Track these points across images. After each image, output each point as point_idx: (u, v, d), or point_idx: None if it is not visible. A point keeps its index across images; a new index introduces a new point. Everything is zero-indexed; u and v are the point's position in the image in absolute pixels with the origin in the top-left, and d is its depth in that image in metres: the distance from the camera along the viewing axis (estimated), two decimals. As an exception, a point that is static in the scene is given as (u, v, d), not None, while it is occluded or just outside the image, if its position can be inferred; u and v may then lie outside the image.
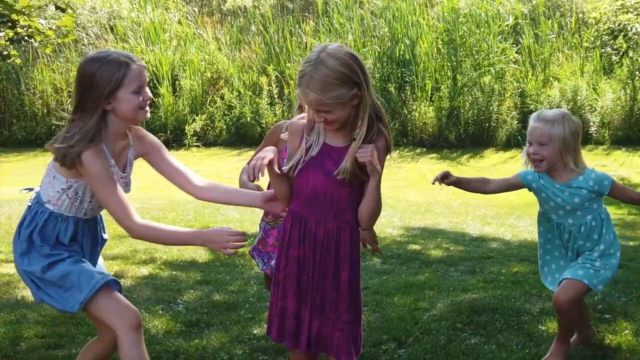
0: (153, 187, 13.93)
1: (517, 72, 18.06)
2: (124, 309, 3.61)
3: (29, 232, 3.68)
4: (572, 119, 4.51)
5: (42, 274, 3.63)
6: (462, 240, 8.98)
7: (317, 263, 3.53)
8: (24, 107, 18.30)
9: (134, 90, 3.56)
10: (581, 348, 4.98)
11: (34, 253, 3.67)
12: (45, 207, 3.70)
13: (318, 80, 3.30)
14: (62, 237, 3.68)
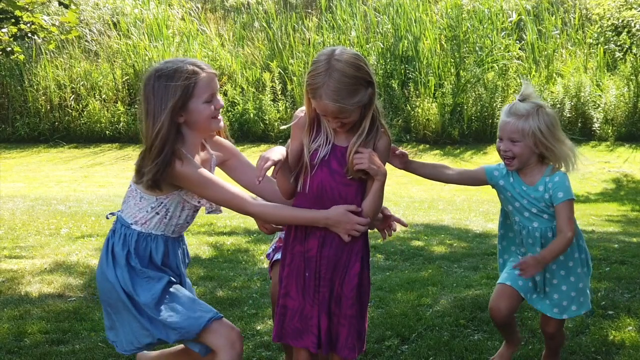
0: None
1: (520, 69, 18.04)
2: (229, 330, 3.52)
3: (124, 256, 3.52)
4: (547, 111, 4.08)
5: (154, 306, 3.48)
6: (465, 237, 8.97)
7: (325, 259, 3.51)
8: (27, 104, 18.32)
9: (205, 100, 3.42)
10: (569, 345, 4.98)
11: (137, 280, 3.51)
12: (132, 228, 3.56)
13: (337, 89, 3.27)
14: (155, 257, 3.55)
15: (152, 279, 3.50)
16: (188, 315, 3.46)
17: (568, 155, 4.09)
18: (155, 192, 3.48)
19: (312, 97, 3.34)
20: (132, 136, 17.69)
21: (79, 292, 6.42)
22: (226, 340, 3.45)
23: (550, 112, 4.11)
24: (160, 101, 3.40)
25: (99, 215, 10.26)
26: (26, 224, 9.64)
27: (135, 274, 3.50)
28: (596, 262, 7.31)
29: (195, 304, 3.52)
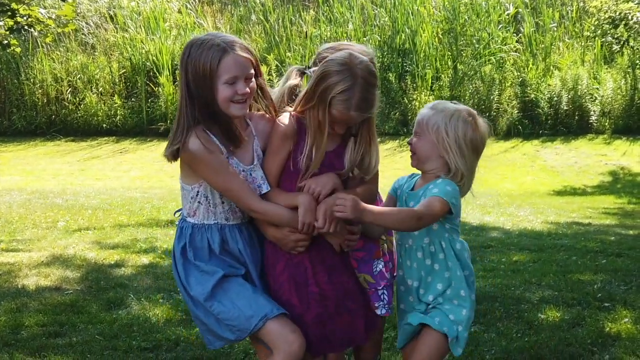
0: (153, 177, 13.95)
1: (517, 61, 18.03)
2: (286, 329, 3.39)
3: (181, 248, 3.50)
4: (470, 120, 3.56)
5: (204, 300, 3.43)
6: (462, 230, 8.94)
7: (329, 259, 3.52)
8: (23, 97, 18.28)
9: (226, 81, 3.28)
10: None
11: (192, 273, 3.47)
12: (187, 221, 3.53)
13: (365, 100, 3.29)
14: (213, 247, 3.47)
15: (206, 273, 3.44)
16: (240, 313, 3.37)
17: (464, 171, 3.58)
18: (187, 177, 3.46)
19: (338, 109, 3.28)
20: (129, 129, 17.66)
21: (76, 285, 6.42)
22: (282, 340, 3.35)
23: (467, 123, 3.54)
24: (188, 74, 3.32)
25: (96, 209, 10.26)
26: (23, 217, 9.63)
27: (190, 267, 3.47)
28: (593, 254, 7.34)
29: (252, 301, 3.39)
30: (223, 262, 3.47)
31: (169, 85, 17.73)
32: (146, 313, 5.66)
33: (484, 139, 3.62)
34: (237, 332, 3.41)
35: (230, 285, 3.43)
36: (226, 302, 3.39)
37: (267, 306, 3.39)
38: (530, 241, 8.13)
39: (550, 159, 15.48)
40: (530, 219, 9.75)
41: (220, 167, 3.34)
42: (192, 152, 3.31)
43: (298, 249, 3.43)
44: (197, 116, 3.33)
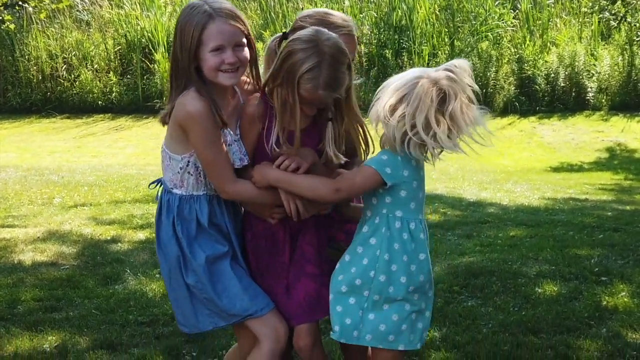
0: (149, 154, 13.91)
1: (514, 38, 17.95)
2: (277, 321, 3.33)
3: (171, 223, 3.33)
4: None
5: (206, 266, 3.30)
6: (459, 205, 8.98)
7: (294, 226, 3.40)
8: (18, 74, 18.17)
9: (211, 49, 3.14)
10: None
11: (183, 250, 3.34)
12: (173, 192, 3.36)
13: (334, 78, 3.14)
14: (201, 219, 3.33)
15: (196, 253, 3.32)
16: (231, 301, 3.29)
17: (398, 137, 3.15)
18: (176, 146, 3.30)
19: (305, 88, 3.11)
20: (125, 107, 17.57)
21: (72, 260, 6.41)
22: (272, 332, 3.31)
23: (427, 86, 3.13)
24: (176, 40, 3.21)
25: (92, 185, 10.23)
26: (19, 193, 9.60)
27: (180, 244, 3.35)
28: (589, 229, 7.34)
29: (243, 291, 3.31)
30: (209, 239, 3.34)
31: (164, 62, 17.62)
32: (143, 288, 5.66)
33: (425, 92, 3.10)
34: (227, 318, 3.34)
35: (222, 268, 3.34)
36: (218, 288, 3.30)
37: (259, 297, 3.33)
38: (527, 216, 8.13)
39: (547, 135, 15.45)
40: (527, 195, 9.75)
41: (214, 136, 3.20)
42: (190, 113, 3.15)
43: (275, 216, 3.34)
44: (184, 76, 3.21)
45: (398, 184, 3.17)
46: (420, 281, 3.21)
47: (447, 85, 3.14)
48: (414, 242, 3.21)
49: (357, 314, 3.20)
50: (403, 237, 3.19)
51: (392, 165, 3.15)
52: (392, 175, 3.15)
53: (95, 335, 4.75)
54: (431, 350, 4.49)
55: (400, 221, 3.20)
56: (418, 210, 3.24)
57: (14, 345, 4.58)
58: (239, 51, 3.21)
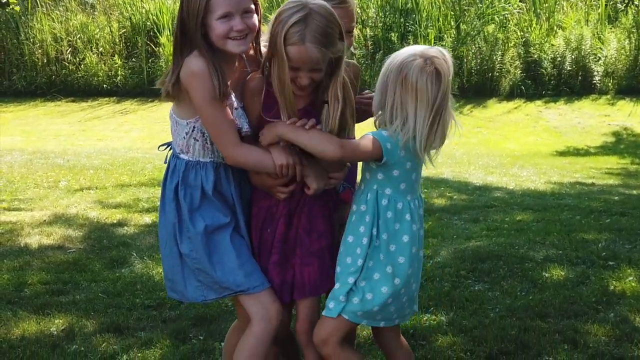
0: (155, 137, 13.89)
1: (521, 21, 17.86)
2: (270, 301, 3.28)
3: (173, 187, 3.29)
4: (414, 64, 3.19)
5: (204, 235, 3.24)
6: (465, 189, 8.96)
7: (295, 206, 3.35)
8: (23, 57, 18.14)
9: (219, 17, 3.09)
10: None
11: (183, 217, 3.28)
12: (180, 157, 3.32)
13: (323, 32, 3.06)
14: (206, 185, 3.28)
15: (196, 221, 3.26)
16: (225, 275, 3.25)
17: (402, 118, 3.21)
18: (181, 110, 3.27)
19: (292, 42, 3.04)
20: (130, 90, 17.53)
21: (79, 243, 6.41)
22: (264, 311, 3.26)
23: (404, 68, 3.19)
24: (181, 12, 3.17)
25: (97, 169, 10.23)
26: (25, 176, 9.60)
27: (179, 210, 3.29)
28: (596, 214, 7.32)
29: (240, 266, 3.26)
30: (212, 208, 3.28)
31: (169, 45, 17.57)
32: (149, 271, 5.66)
33: (424, 82, 3.13)
34: (218, 291, 3.30)
35: (220, 240, 3.28)
36: (214, 259, 3.26)
37: (254, 274, 3.28)
38: (533, 201, 8.11)
39: (553, 119, 15.40)
40: (534, 179, 9.72)
41: (217, 97, 3.12)
42: (192, 71, 3.11)
43: (280, 195, 3.30)
44: (191, 38, 3.15)
45: (392, 162, 3.16)
46: (399, 263, 3.20)
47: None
48: (398, 222, 3.21)
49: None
50: (387, 215, 3.21)
51: (392, 142, 3.15)
52: (390, 152, 3.15)
53: (102, 318, 4.76)
54: (438, 334, 4.49)
55: (388, 199, 3.21)
56: (408, 191, 3.23)
57: (21, 329, 4.58)
58: (247, 18, 3.16)
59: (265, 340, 3.27)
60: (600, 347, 4.27)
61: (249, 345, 3.28)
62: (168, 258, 3.36)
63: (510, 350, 4.25)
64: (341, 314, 3.22)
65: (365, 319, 3.26)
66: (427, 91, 3.12)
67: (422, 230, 3.32)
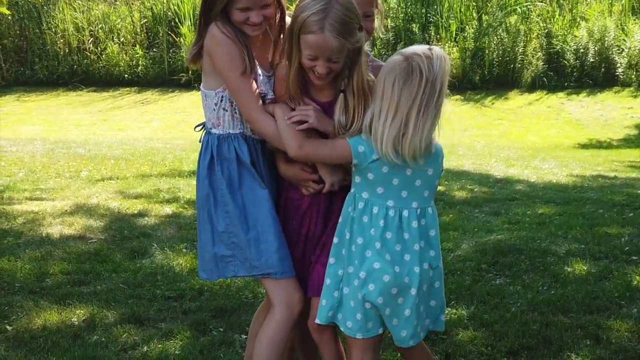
0: (175, 128, 13.93)
1: (543, 12, 17.72)
2: (294, 289, 3.31)
3: (207, 164, 3.32)
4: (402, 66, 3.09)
5: (244, 209, 3.26)
6: (486, 182, 8.91)
7: (321, 204, 3.37)
8: (45, 47, 18.22)
9: (239, 7, 3.15)
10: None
11: (218, 193, 3.30)
12: (212, 132, 3.35)
13: (342, 21, 3.06)
14: (242, 156, 3.28)
15: (235, 194, 3.28)
16: (257, 251, 3.25)
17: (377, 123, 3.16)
18: (210, 81, 3.30)
19: (311, 31, 3.05)
20: (151, 80, 17.57)
21: (100, 234, 6.43)
22: (288, 299, 3.28)
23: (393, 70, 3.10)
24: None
25: (118, 159, 10.26)
26: (46, 166, 9.65)
27: (213, 186, 3.31)
28: (619, 207, 7.26)
29: (276, 246, 3.27)
30: (251, 180, 3.29)
31: (190, 35, 17.58)
32: (170, 262, 5.66)
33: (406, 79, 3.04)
34: (248, 269, 3.29)
35: (260, 215, 3.27)
36: (251, 235, 3.26)
37: (286, 263, 3.28)
38: (555, 194, 8.05)
39: (576, 111, 15.29)
40: (555, 172, 9.65)
41: (240, 61, 3.17)
42: (215, 37, 3.17)
43: (309, 189, 3.30)
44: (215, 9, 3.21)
45: (364, 166, 3.11)
46: (374, 269, 3.11)
47: None
48: (373, 227, 3.13)
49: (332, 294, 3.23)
50: (363, 219, 3.15)
51: (366, 145, 3.09)
52: (362, 155, 3.10)
53: (123, 309, 4.77)
54: (459, 328, 4.46)
55: (364, 202, 3.16)
56: (387, 196, 3.14)
57: (42, 319, 4.60)
58: (265, 9, 3.21)
59: (286, 327, 3.30)
60: (623, 342, 4.24)
61: (270, 332, 3.30)
62: (200, 234, 3.39)
63: (532, 346, 4.22)
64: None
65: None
66: (391, 89, 3.04)
67: (420, 240, 3.17)
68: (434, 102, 3.06)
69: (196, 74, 17.01)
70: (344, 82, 3.22)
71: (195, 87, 16.44)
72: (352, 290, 3.16)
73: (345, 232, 3.20)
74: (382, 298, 3.11)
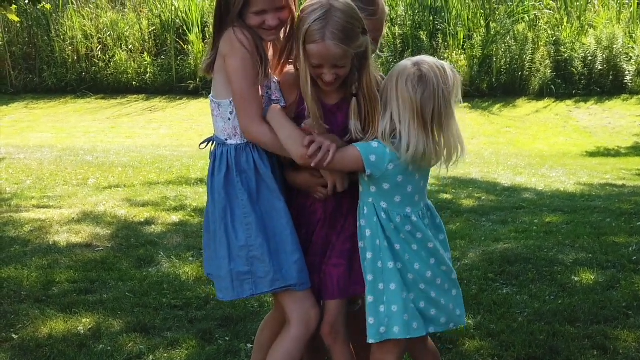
0: (183, 135, 13.95)
1: (551, 20, 17.71)
2: (310, 305, 3.27)
3: (223, 176, 3.24)
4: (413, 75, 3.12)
5: (263, 222, 3.21)
6: (493, 190, 8.89)
7: (329, 206, 3.35)
8: (54, 54, 18.29)
9: (254, 11, 3.14)
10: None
11: (235, 203, 3.23)
12: (228, 143, 3.27)
13: (343, 28, 3.06)
14: (261, 167, 3.23)
15: (255, 206, 3.22)
16: (278, 263, 3.20)
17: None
18: (222, 90, 3.24)
19: (313, 40, 3.06)
20: (159, 87, 17.62)
21: (107, 242, 6.44)
22: (305, 315, 3.24)
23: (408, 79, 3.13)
24: (220, 4, 3.22)
25: (126, 166, 10.28)
26: (54, 174, 9.67)
27: (230, 199, 3.23)
28: (627, 216, 7.22)
29: (295, 258, 3.22)
30: (269, 191, 3.24)
31: (198, 42, 17.64)
32: (176, 271, 5.66)
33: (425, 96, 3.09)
34: (267, 285, 3.20)
35: (279, 226, 3.23)
36: (272, 247, 3.20)
37: (304, 275, 3.24)
38: (563, 202, 8.02)
39: (584, 119, 15.26)
40: (563, 180, 9.63)
41: (251, 70, 3.14)
42: (232, 39, 3.14)
43: (319, 194, 3.29)
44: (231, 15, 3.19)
45: (378, 175, 3.12)
46: (416, 270, 3.18)
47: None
48: (402, 232, 3.17)
49: (378, 310, 3.19)
50: (390, 227, 3.17)
51: (378, 154, 3.10)
52: (374, 165, 3.10)
53: (129, 318, 4.77)
54: (465, 338, 4.45)
55: (385, 212, 3.17)
56: (405, 204, 3.18)
57: (48, 327, 4.60)
58: (281, 12, 3.19)
59: (302, 344, 3.28)
60: (631, 353, 4.22)
61: (285, 348, 3.26)
62: (217, 251, 3.27)
63: (539, 356, 4.20)
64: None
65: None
66: (410, 94, 3.06)
67: (431, 237, 3.23)
68: (448, 108, 3.11)
69: (204, 81, 17.06)
70: (354, 86, 3.21)
71: (203, 95, 16.47)
72: (397, 293, 3.15)
73: (377, 242, 3.18)
74: (433, 292, 3.21)
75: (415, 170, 3.16)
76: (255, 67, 3.14)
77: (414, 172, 3.16)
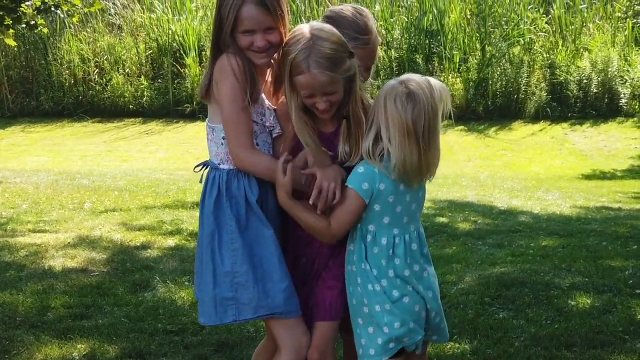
0: (179, 159, 13.95)
1: (546, 43, 17.80)
2: (301, 332, 3.26)
3: (213, 200, 3.25)
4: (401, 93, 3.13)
5: (250, 249, 3.21)
6: (489, 213, 8.89)
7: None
8: (51, 78, 18.34)
9: (241, 31, 3.16)
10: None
11: (224, 228, 3.24)
12: (220, 168, 3.28)
13: (327, 56, 3.08)
14: (249, 195, 3.22)
15: (243, 232, 3.22)
16: (264, 290, 3.19)
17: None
18: (217, 114, 3.23)
19: (299, 72, 3.09)
20: (156, 110, 17.65)
21: (102, 266, 6.43)
22: (295, 343, 3.23)
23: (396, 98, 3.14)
24: (215, 22, 3.25)
25: (122, 190, 10.27)
26: (50, 198, 9.67)
27: (219, 223, 3.23)
28: (623, 240, 7.22)
29: (283, 286, 3.20)
30: (257, 219, 3.22)
31: (195, 66, 17.70)
32: (172, 296, 5.65)
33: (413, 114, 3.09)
34: (251, 311, 3.20)
35: (266, 253, 3.21)
36: (258, 274, 3.19)
37: (292, 302, 3.23)
38: (559, 226, 8.02)
39: (579, 142, 15.30)
40: (559, 203, 9.63)
41: (240, 96, 3.14)
42: (224, 65, 3.15)
43: None
44: (224, 39, 3.21)
45: (371, 199, 3.14)
46: (395, 297, 3.17)
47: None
48: (383, 258, 3.17)
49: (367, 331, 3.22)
50: (374, 250, 3.18)
51: (368, 178, 3.13)
52: (369, 191, 3.13)
53: (124, 343, 4.75)
54: (462, 363, 4.44)
55: (372, 235, 3.19)
56: (393, 225, 3.19)
57: (43, 353, 4.59)
58: (269, 34, 3.19)
59: None
60: (627, 378, 4.21)
61: None
62: (203, 275, 3.30)
63: (535, 381, 4.20)
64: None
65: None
66: (399, 112, 3.07)
67: (420, 260, 3.27)
68: (436, 122, 3.13)
69: (201, 105, 17.10)
70: (345, 109, 3.24)
71: (200, 118, 16.50)
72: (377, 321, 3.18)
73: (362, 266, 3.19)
74: (412, 323, 3.20)
75: (406, 189, 3.17)
76: (244, 93, 3.15)
77: (405, 192, 3.17)
